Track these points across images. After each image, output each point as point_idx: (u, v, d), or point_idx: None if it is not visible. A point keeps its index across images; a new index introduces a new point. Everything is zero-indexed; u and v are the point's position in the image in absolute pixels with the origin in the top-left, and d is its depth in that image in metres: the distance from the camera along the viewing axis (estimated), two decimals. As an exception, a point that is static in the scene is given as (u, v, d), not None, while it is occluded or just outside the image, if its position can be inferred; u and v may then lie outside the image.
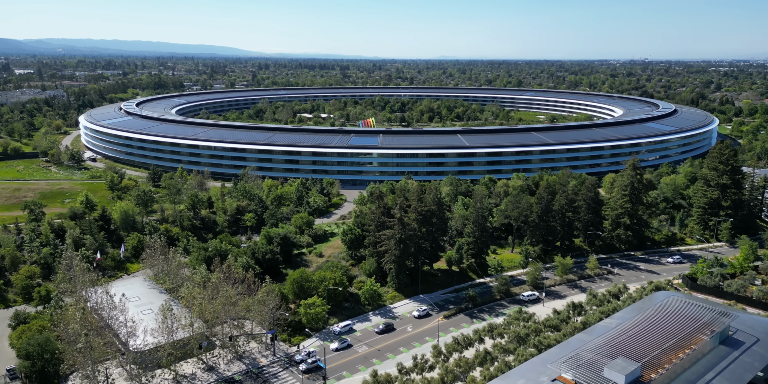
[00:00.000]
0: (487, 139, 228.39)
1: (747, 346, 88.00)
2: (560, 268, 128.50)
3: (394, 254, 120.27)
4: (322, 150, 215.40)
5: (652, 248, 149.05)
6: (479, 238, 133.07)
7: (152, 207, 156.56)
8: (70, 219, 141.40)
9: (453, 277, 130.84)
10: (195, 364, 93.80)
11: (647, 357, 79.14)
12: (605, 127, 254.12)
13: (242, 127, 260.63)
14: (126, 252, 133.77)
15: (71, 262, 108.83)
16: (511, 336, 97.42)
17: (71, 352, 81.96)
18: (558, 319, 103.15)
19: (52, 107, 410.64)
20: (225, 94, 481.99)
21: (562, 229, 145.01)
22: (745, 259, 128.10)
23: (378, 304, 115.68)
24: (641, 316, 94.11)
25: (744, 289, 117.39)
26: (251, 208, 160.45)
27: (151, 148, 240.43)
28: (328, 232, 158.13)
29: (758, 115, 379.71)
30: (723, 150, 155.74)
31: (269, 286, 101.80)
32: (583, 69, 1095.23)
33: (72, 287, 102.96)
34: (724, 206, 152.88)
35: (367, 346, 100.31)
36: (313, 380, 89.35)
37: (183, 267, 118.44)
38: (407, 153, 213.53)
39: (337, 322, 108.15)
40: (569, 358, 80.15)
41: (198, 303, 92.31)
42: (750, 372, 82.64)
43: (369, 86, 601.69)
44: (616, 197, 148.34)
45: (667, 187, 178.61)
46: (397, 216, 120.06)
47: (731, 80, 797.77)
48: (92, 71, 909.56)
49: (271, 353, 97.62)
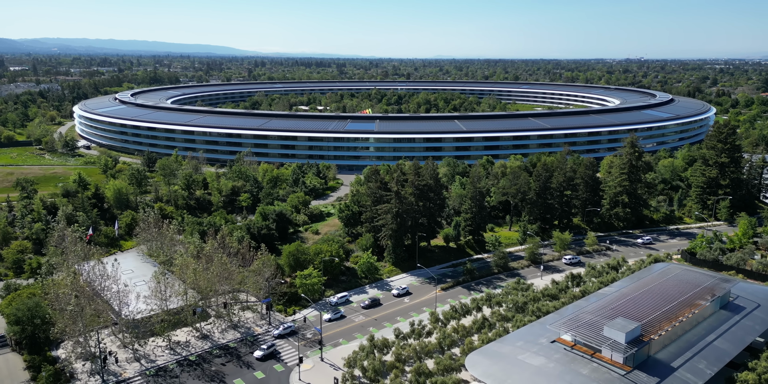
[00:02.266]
0: (484, 124, 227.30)
1: (748, 310, 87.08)
2: (559, 243, 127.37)
3: (391, 228, 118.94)
4: (319, 135, 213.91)
5: (650, 227, 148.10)
6: (477, 215, 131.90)
7: (146, 187, 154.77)
8: (63, 197, 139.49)
9: (450, 253, 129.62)
10: (189, 333, 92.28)
11: (647, 318, 78.06)
12: (603, 113, 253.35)
13: (237, 114, 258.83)
14: (120, 229, 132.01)
15: (63, 234, 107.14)
16: (509, 304, 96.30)
17: (61, 316, 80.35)
18: (556, 288, 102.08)
19: (46, 99, 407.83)
20: (221, 86, 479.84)
21: (560, 207, 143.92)
22: (744, 234, 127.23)
23: (375, 278, 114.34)
24: (641, 282, 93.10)
25: (743, 263, 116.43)
26: (246, 189, 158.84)
27: (145, 134, 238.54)
28: (325, 212, 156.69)
29: (755, 107, 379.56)
30: (722, 129, 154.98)
31: (265, 256, 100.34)
32: (579, 66, 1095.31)
33: (64, 260, 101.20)
34: (723, 185, 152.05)
35: (364, 317, 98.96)
36: (308, 347, 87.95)
37: (177, 244, 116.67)
38: (404, 138, 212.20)
39: (334, 293, 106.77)
40: (568, 320, 79.01)
41: (191, 269, 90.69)
42: (751, 335, 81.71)
43: (366, 80, 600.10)
44: (614, 175, 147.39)
45: (665, 169, 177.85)
46: (394, 189, 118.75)
47: (727, 76, 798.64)
48: (87, 68, 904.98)
49: (266, 322, 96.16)
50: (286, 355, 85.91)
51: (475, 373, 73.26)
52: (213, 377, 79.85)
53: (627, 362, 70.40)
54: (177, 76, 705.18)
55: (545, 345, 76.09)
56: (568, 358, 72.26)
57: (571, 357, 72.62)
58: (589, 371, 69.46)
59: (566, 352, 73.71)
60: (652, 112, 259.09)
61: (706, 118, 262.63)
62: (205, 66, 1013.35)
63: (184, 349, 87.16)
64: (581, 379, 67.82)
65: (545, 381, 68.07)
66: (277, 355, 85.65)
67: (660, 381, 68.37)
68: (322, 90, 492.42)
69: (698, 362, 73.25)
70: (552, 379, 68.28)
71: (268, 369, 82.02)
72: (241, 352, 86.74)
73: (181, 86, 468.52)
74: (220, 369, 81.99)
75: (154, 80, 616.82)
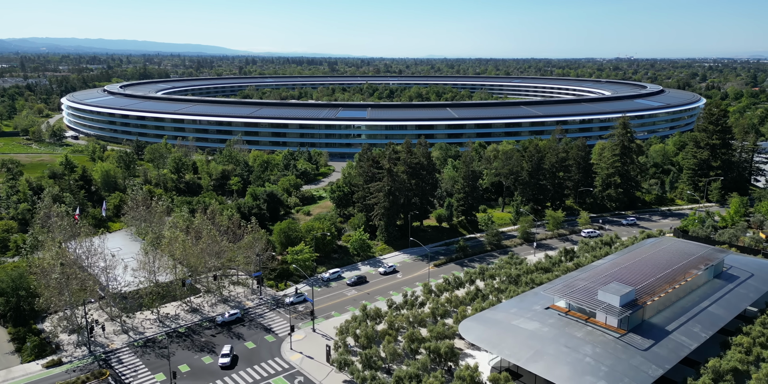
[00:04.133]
0: (476, 112, 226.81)
1: (742, 279, 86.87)
2: (551, 221, 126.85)
3: (383, 206, 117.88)
4: (310, 122, 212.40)
5: (642, 208, 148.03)
6: (470, 195, 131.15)
7: (135, 171, 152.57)
8: (49, 178, 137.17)
9: (443, 233, 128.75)
10: (179, 307, 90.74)
11: (642, 284, 77.56)
12: (595, 102, 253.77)
13: (228, 103, 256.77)
14: (107, 211, 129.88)
15: (49, 212, 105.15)
16: (502, 277, 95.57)
17: (46, 288, 78.54)
18: (550, 262, 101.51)
19: (34, 93, 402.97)
20: (211, 80, 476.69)
21: (552, 189, 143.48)
22: (736, 212, 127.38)
23: (367, 256, 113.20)
24: (634, 252, 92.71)
25: (736, 239, 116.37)
26: (237, 173, 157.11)
27: (135, 123, 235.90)
28: (316, 195, 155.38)
29: (744, 99, 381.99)
30: (713, 110, 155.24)
31: (255, 231, 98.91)
32: (570, 65, 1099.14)
33: (50, 237, 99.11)
34: (714, 167, 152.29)
35: (357, 291, 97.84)
36: (300, 319, 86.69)
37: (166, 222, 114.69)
38: (396, 125, 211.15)
39: (326, 270, 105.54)
40: (562, 286, 78.33)
41: (180, 240, 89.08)
42: (745, 301, 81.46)
43: (358, 75, 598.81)
44: (606, 157, 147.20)
45: (656, 154, 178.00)
46: (387, 167, 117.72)
47: (716, 73, 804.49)
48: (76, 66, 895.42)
49: (257, 297, 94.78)
50: (277, 327, 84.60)
51: (469, 337, 72.40)
52: (203, 347, 78.42)
53: (621, 325, 69.79)
54: (167, 72, 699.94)
55: (539, 311, 75.32)
56: (562, 323, 71.54)
57: (565, 322, 71.91)
58: (583, 334, 68.77)
59: (560, 318, 73.00)
60: (643, 101, 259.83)
61: (696, 107, 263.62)
62: (195, 64, 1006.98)
63: (173, 322, 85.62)
64: (576, 342, 67.10)
65: (539, 344, 67.28)
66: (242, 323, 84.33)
67: (655, 343, 67.81)
68: (313, 85, 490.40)
69: (693, 326, 72.81)
70: (546, 342, 67.51)
71: (260, 339, 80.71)
72: (232, 324, 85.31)
73: (171, 80, 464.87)
74: (209, 340, 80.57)
75: (144, 76, 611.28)
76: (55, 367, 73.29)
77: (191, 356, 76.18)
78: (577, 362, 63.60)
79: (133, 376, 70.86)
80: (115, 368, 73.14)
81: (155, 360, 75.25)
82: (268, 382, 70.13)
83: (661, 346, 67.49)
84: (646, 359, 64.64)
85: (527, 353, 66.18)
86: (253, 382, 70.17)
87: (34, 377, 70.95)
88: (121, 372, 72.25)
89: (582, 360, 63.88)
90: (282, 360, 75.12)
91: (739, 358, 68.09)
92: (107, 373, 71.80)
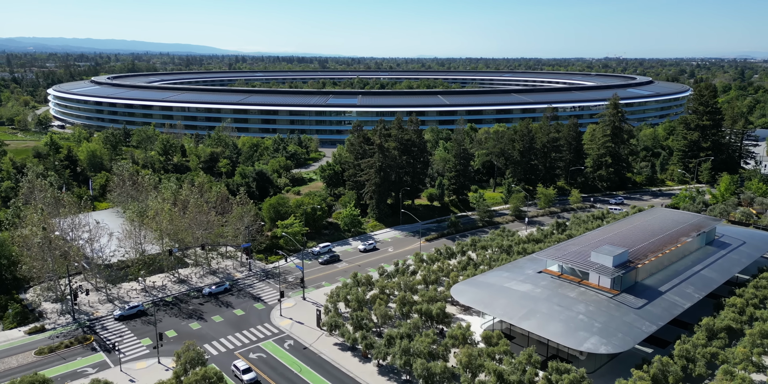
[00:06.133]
0: (467, 99, 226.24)
1: (734, 247, 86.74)
2: (543, 199, 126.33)
3: (374, 183, 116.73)
4: (301, 109, 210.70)
5: (633, 189, 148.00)
6: (461, 173, 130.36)
7: (121, 152, 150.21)
8: (34, 157, 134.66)
9: (435, 211, 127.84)
10: (166, 278, 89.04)
11: (635, 248, 77.11)
12: (585, 90, 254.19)
13: (216, 91, 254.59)
14: (94, 191, 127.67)
15: (32, 186, 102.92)
16: (494, 248, 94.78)
17: (29, 255, 76.59)
18: (542, 234, 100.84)
19: (20, 85, 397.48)
20: (201, 74, 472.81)
21: (543, 169, 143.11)
22: (727, 189, 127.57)
23: (358, 231, 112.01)
24: (627, 220, 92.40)
25: (726, 214, 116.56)
26: (226, 155, 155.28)
27: (122, 112, 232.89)
28: (307, 177, 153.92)
29: (732, 92, 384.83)
30: (703, 91, 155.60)
31: (245, 202, 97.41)
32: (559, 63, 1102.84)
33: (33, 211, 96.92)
34: (704, 147, 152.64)
35: (347, 263, 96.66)
36: (291, 288, 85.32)
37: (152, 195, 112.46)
38: (387, 111, 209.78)
39: (316, 244, 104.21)
40: (555, 250, 77.76)
41: (167, 210, 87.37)
42: (737, 266, 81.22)
43: (349, 70, 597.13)
44: (598, 137, 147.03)
45: (646, 138, 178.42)
46: (377, 143, 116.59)
47: (704, 71, 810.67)
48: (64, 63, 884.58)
49: (246, 269, 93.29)
50: (267, 296, 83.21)
51: (461, 299, 71.49)
52: (191, 315, 76.86)
53: (614, 286, 69.16)
54: (156, 68, 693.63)
55: (531, 275, 74.59)
56: (555, 285, 70.83)
57: (558, 283, 71.21)
58: (576, 294, 68.06)
59: (553, 280, 72.30)
60: (633, 90, 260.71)
61: (684, 96, 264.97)
62: (185, 61, 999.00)
63: (160, 292, 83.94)
64: (568, 301, 66.37)
65: (532, 304, 66.49)
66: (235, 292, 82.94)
67: (648, 302, 67.24)
68: (303, 79, 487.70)
69: (686, 287, 72.39)
70: (539, 302, 66.73)
71: (249, 307, 79.26)
72: (220, 295, 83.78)
73: (160, 73, 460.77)
74: (197, 308, 79.02)
75: (132, 71, 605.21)
76: (38, 333, 71.47)
77: (178, 322, 74.63)
78: (570, 320, 62.83)
79: (118, 342, 69.17)
80: (99, 334, 71.42)
81: (141, 326, 73.61)
82: (257, 345, 68.74)
83: (655, 305, 66.93)
84: (639, 316, 64.01)
85: (520, 312, 65.34)
86: (242, 345, 68.77)
87: (17, 343, 69.12)
88: (107, 338, 70.55)
89: (575, 317, 63.13)
90: (271, 325, 73.79)
91: (733, 317, 67.70)
92: (92, 338, 70.09)
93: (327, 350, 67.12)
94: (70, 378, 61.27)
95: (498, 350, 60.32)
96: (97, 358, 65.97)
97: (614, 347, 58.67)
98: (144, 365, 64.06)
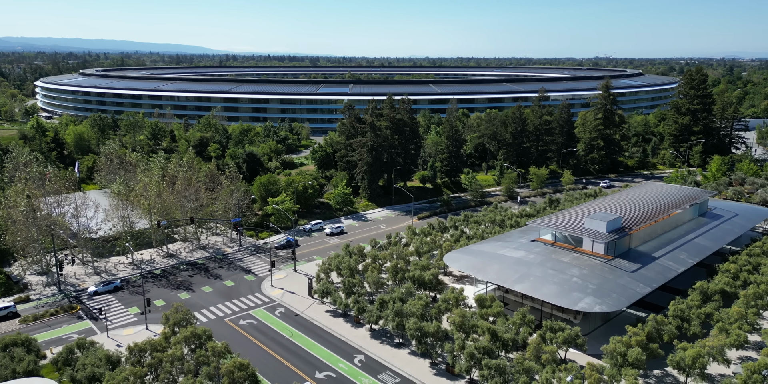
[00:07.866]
0: (459, 88, 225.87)
1: (726, 218, 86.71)
2: (535, 179, 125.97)
3: (366, 162, 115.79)
4: (291, 97, 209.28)
5: (625, 173, 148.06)
6: (453, 155, 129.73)
7: (109, 136, 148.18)
8: (20, 139, 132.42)
9: (427, 192, 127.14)
10: (155, 253, 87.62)
11: (628, 216, 76.75)
12: (577, 80, 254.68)
13: (206, 80, 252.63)
14: (81, 173, 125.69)
15: (17, 164, 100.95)
16: (487, 223, 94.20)
17: (14, 225, 74.99)
18: (534, 209, 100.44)
19: (7, 80, 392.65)
20: (191, 69, 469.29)
21: (535, 152, 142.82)
22: (718, 170, 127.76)
23: (350, 211, 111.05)
24: (620, 193, 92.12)
25: (718, 193, 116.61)
26: (216, 139, 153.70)
27: (111, 101, 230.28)
28: (298, 162, 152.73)
29: (721, 85, 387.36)
30: (694, 75, 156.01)
31: (235, 178, 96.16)
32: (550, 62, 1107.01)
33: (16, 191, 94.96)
34: (695, 131, 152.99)
35: (339, 239, 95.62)
36: (282, 262, 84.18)
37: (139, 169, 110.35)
38: (378, 100, 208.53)
39: (308, 222, 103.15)
40: (547, 218, 77.31)
41: (155, 183, 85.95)
42: (730, 235, 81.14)
43: (340, 66, 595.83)
44: (590, 120, 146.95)
45: (637, 124, 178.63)
46: (369, 122, 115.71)
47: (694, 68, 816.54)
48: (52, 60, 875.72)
49: (236, 244, 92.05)
50: (257, 269, 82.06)
51: (454, 266, 70.88)
52: (179, 286, 75.57)
53: (608, 251, 68.72)
54: (146, 64, 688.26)
55: (525, 243, 74.06)
56: (548, 251, 70.33)
57: (551, 250, 70.71)
58: (570, 259, 67.58)
59: (546, 247, 71.79)
60: (624, 81, 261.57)
61: (674, 87, 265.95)
62: (174, 60, 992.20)
63: (148, 265, 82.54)
64: (562, 266, 65.85)
65: (526, 268, 65.91)
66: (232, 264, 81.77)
67: (642, 266, 66.86)
68: (294, 73, 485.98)
69: (679, 253, 72.13)
70: (533, 266, 66.16)
71: (239, 279, 78.09)
72: (210, 266, 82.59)
73: (150, 68, 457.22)
74: (186, 279, 77.76)
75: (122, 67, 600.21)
76: (23, 303, 69.91)
77: (167, 293, 73.37)
78: (564, 282, 62.27)
79: (105, 311, 67.77)
80: (86, 304, 69.99)
81: (128, 297, 72.27)
82: (247, 312, 67.63)
83: (649, 269, 66.57)
84: (633, 279, 63.59)
85: (513, 276, 64.74)
86: (232, 313, 67.63)
87: (1, 312, 67.47)
88: (93, 307, 69.13)
89: (569, 280, 62.58)
90: (262, 295, 72.70)
91: (727, 282, 67.45)
92: (77, 307, 68.66)
93: (319, 317, 66.14)
94: (55, 344, 59.87)
95: (491, 312, 59.64)
96: (84, 325, 64.59)
97: (608, 306, 58.19)
98: (131, 331, 62.79)
